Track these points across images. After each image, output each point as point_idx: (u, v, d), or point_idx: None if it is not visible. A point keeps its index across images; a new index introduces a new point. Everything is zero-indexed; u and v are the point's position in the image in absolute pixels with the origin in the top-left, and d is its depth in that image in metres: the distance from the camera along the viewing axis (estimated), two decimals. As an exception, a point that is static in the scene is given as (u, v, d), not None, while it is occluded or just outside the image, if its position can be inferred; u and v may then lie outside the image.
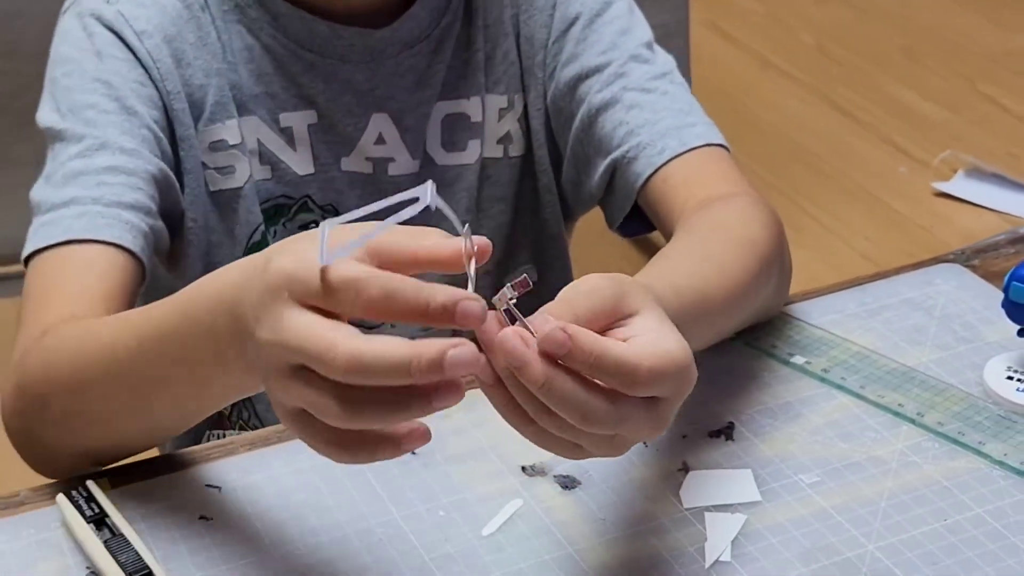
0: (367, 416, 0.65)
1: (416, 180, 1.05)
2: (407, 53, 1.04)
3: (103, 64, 0.99)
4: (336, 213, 1.04)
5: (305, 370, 0.66)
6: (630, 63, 1.03)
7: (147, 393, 0.80)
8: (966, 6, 3.33)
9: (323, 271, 0.65)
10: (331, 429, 0.67)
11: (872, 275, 1.06)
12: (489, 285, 1.08)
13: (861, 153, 2.78)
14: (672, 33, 1.74)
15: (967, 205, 2.58)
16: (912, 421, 0.90)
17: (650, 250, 2.42)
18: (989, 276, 1.05)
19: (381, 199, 1.02)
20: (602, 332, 0.69)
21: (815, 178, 2.67)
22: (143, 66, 0.99)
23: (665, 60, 1.06)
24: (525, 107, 1.07)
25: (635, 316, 0.70)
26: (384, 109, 1.04)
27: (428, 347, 0.64)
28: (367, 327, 0.73)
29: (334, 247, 0.66)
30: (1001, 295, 0.93)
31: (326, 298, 0.66)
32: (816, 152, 2.78)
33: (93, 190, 0.93)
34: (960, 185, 2.62)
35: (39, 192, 0.95)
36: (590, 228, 1.20)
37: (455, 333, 0.67)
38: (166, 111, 1.00)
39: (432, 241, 0.69)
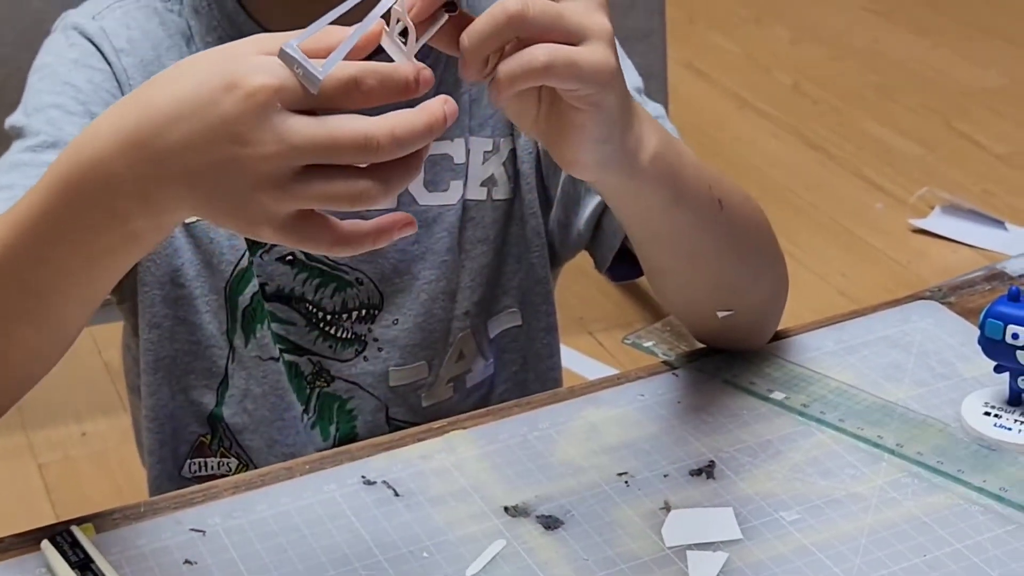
0: (399, 180, 0.71)
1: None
2: (390, 94, 1.05)
3: (77, 71, 1.00)
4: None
5: (314, 169, 0.69)
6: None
7: (38, 287, 0.79)
8: (939, 43, 3.36)
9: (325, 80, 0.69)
10: (331, 226, 0.72)
11: (849, 313, 1.07)
12: (471, 327, 1.09)
13: (837, 189, 2.80)
14: (651, 74, 1.75)
15: (944, 240, 2.60)
16: (891, 452, 0.91)
17: (638, 295, 2.43)
18: (966, 313, 1.06)
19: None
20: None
21: (791, 215, 2.69)
22: (117, 80, 1.01)
23: (655, 106, 1.07)
24: (514, 151, 1.08)
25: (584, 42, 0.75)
26: None
27: (433, 102, 0.71)
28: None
29: (322, 54, 0.70)
30: (977, 331, 0.94)
31: (324, 102, 0.69)
32: (792, 189, 2.80)
33: (31, 180, 0.93)
34: (937, 221, 2.64)
35: None
36: (578, 273, 1.21)
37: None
38: None
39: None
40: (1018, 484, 0.88)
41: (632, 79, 1.07)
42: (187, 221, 1.03)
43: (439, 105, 0.71)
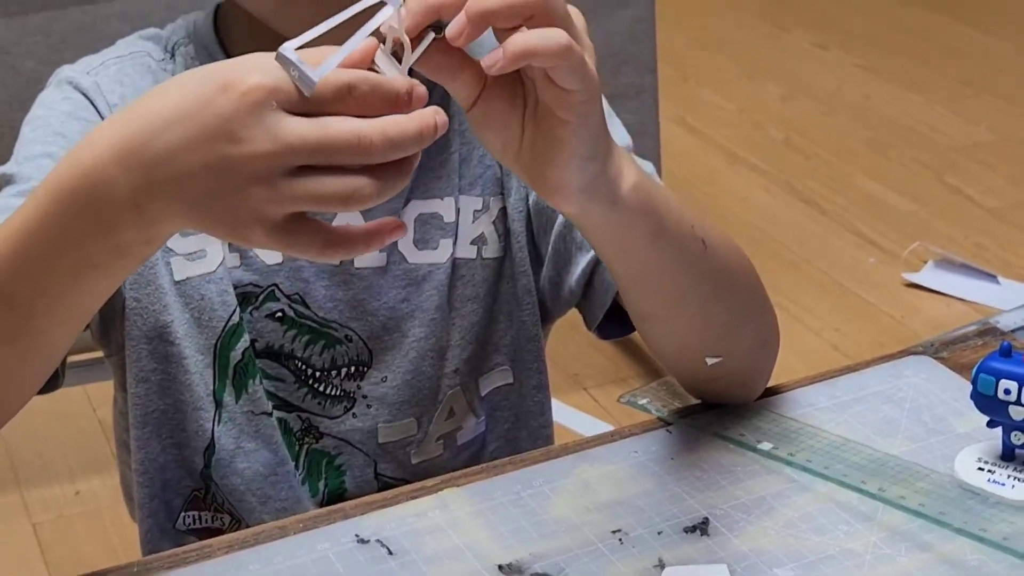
0: (392, 182, 0.72)
1: (383, 275, 1.06)
2: (379, 153, 1.05)
3: (70, 122, 1.01)
4: (303, 303, 1.05)
5: (306, 169, 0.70)
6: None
7: (22, 303, 0.79)
8: (930, 99, 3.38)
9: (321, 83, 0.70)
10: (321, 229, 0.73)
11: (842, 368, 1.07)
12: (461, 385, 1.09)
13: (830, 244, 2.81)
14: (643, 131, 1.76)
15: (937, 295, 2.60)
16: (890, 503, 0.91)
17: (632, 351, 2.43)
18: (958, 368, 1.06)
19: (348, 291, 1.05)
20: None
21: (784, 269, 2.69)
22: None
23: (644, 164, 1.07)
24: (504, 209, 1.08)
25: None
26: None
27: (426, 111, 0.72)
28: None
29: (317, 62, 0.71)
30: (970, 387, 0.94)
31: (319, 106, 0.70)
32: (785, 243, 2.80)
33: None
34: (930, 275, 2.64)
35: None
36: (572, 329, 1.21)
37: None
38: None
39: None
40: (1020, 534, 0.88)
41: (621, 137, 1.07)
42: (177, 279, 1.03)
43: (431, 113, 0.72)
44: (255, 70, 0.71)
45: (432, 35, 0.75)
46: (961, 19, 3.79)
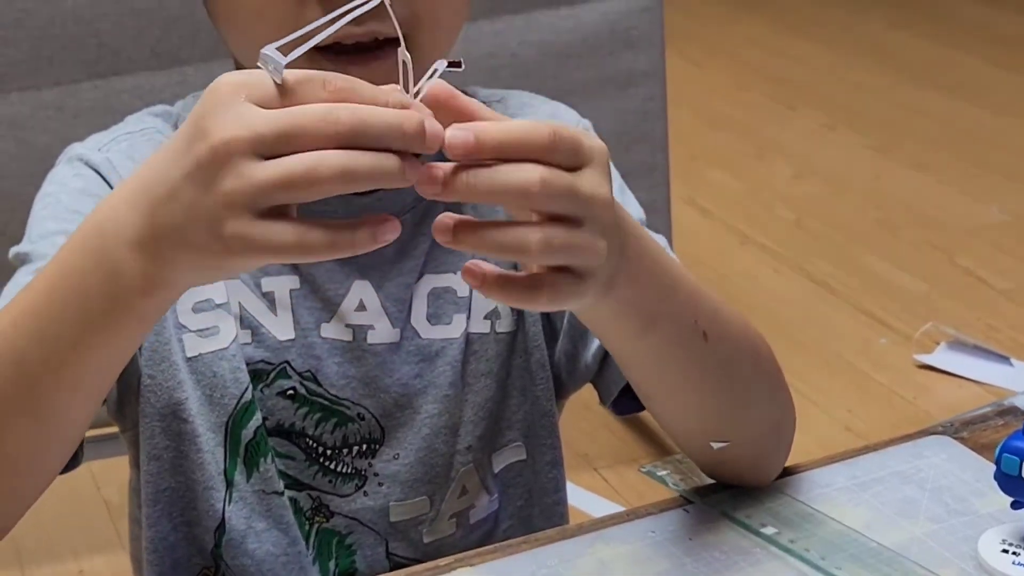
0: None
1: (396, 351, 1.04)
2: (390, 223, 1.05)
3: (82, 199, 1.00)
4: (315, 380, 1.04)
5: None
6: (625, 238, 1.04)
7: (32, 369, 0.79)
8: (940, 180, 3.38)
9: (286, 72, 0.70)
10: (297, 224, 0.70)
11: (861, 448, 1.05)
12: (474, 462, 1.07)
13: (841, 325, 2.80)
14: (655, 209, 1.76)
15: (949, 376, 2.59)
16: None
17: (644, 431, 2.42)
18: (979, 448, 1.04)
19: (361, 367, 1.04)
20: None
21: (795, 350, 2.68)
22: None
23: (657, 237, 1.07)
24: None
25: (584, 168, 0.75)
26: (366, 276, 1.04)
27: (412, 112, 0.70)
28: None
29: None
30: (992, 467, 0.93)
31: (288, 96, 0.70)
32: (796, 324, 2.79)
33: None
34: (942, 357, 2.63)
35: None
36: (583, 408, 1.20)
37: None
38: None
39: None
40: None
41: (634, 212, 1.07)
42: (189, 356, 1.02)
43: (416, 114, 0.70)
44: (230, 75, 0.72)
45: (444, 64, 0.74)
46: (969, 101, 3.80)
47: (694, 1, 4.53)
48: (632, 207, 1.07)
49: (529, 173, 0.72)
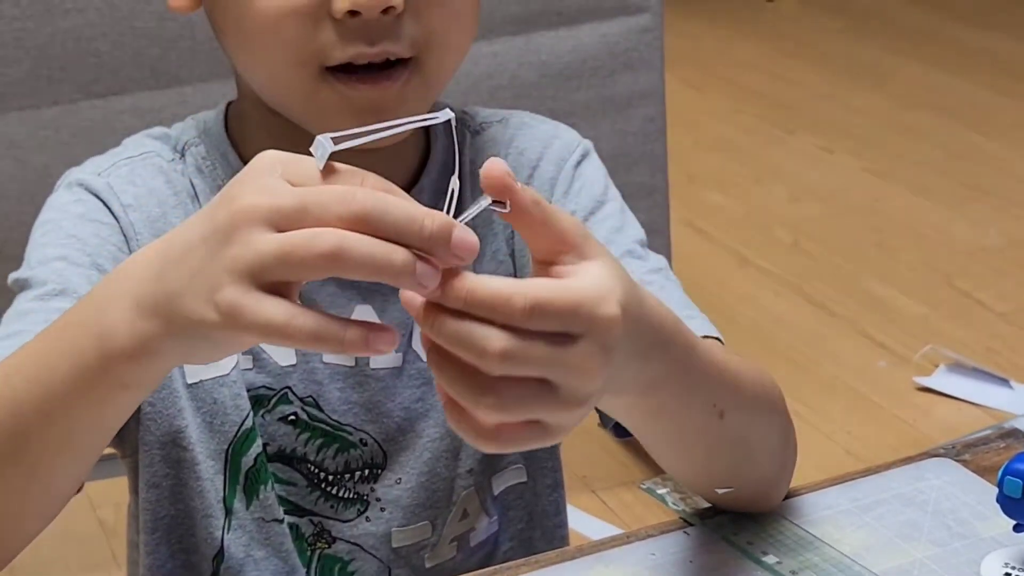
0: (361, 246, 0.66)
1: (399, 375, 1.04)
2: (393, 248, 1.04)
3: (83, 225, 1.00)
4: (316, 406, 1.03)
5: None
6: (625, 258, 1.04)
7: (19, 427, 0.78)
8: (937, 202, 3.38)
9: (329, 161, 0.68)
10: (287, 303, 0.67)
11: (862, 470, 1.05)
12: (475, 485, 1.07)
13: (840, 347, 2.79)
14: (654, 230, 1.76)
15: (948, 399, 2.58)
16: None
17: (640, 452, 2.40)
18: (981, 470, 1.04)
19: (363, 393, 1.03)
20: (553, 256, 0.72)
21: (794, 372, 2.67)
22: (124, 235, 1.00)
23: (658, 258, 1.06)
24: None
25: (588, 260, 0.72)
26: (368, 301, 1.04)
27: (437, 215, 0.67)
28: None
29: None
30: (994, 490, 0.92)
31: (325, 180, 0.68)
32: (794, 346, 2.79)
33: (39, 326, 0.92)
34: (942, 380, 2.63)
35: None
36: (582, 431, 1.19)
37: None
38: None
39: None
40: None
41: (635, 233, 1.06)
42: (189, 382, 1.01)
43: (443, 216, 0.67)
44: (273, 152, 0.71)
45: (489, 201, 0.70)
46: (968, 125, 3.80)
47: (693, 24, 4.54)
48: (632, 228, 1.07)
49: (493, 341, 0.67)
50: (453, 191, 0.71)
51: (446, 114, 0.72)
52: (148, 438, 1.01)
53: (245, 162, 1.02)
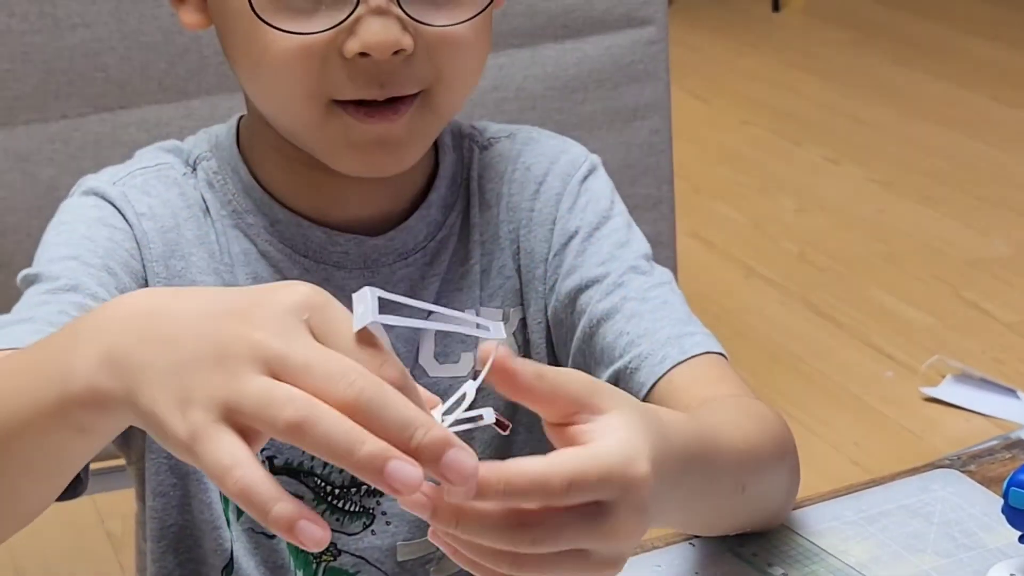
0: (334, 426, 0.63)
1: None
2: (401, 263, 1.05)
3: (97, 228, 1.00)
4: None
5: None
6: (629, 273, 1.04)
7: (10, 433, 0.71)
8: (944, 213, 3.38)
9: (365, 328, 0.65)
10: (243, 452, 0.63)
11: (868, 481, 1.05)
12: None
13: (846, 358, 2.79)
14: (660, 242, 1.76)
15: (955, 409, 2.58)
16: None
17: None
18: (987, 481, 1.04)
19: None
20: (567, 418, 0.70)
21: (800, 383, 2.68)
22: (137, 242, 1.01)
23: (662, 272, 1.07)
24: (524, 320, 1.07)
25: (605, 415, 0.70)
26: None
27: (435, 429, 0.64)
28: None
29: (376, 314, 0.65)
30: (1000, 500, 0.92)
31: (353, 350, 0.65)
32: (801, 357, 2.79)
33: (53, 316, 0.90)
34: (949, 390, 2.62)
35: None
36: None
37: None
38: None
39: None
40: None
41: (640, 248, 1.07)
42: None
43: (444, 431, 0.64)
44: (315, 289, 0.67)
45: (493, 416, 0.70)
46: (974, 136, 3.81)
47: (699, 37, 4.55)
48: (637, 243, 1.07)
49: (522, 533, 0.67)
50: (464, 394, 0.70)
51: (497, 329, 0.71)
52: (154, 446, 1.02)
53: (255, 178, 1.03)
